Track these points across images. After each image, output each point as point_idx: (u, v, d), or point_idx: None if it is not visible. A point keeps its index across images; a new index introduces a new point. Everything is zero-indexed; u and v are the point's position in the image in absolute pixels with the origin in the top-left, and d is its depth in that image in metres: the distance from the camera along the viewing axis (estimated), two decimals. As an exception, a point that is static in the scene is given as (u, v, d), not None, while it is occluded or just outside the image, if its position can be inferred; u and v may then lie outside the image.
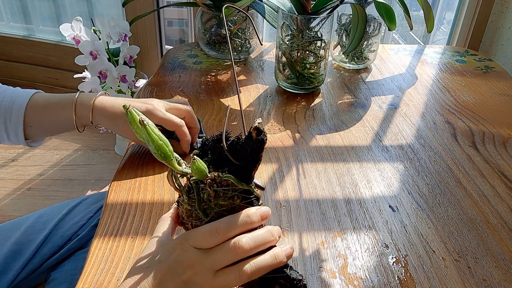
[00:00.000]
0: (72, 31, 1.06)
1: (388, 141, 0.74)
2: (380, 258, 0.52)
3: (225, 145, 0.38)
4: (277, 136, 0.74)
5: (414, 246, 0.54)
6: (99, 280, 0.48)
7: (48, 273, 0.71)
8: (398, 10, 1.14)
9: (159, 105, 0.63)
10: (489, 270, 0.51)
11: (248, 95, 0.87)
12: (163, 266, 0.38)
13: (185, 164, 0.40)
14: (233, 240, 0.38)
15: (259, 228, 0.40)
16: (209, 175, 0.38)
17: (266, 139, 0.37)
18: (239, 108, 0.82)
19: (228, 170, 0.39)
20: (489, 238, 0.55)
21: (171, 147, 0.38)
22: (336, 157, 0.69)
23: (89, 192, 1.53)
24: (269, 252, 0.39)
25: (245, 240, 0.38)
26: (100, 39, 1.11)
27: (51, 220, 0.73)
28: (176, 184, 0.40)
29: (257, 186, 0.58)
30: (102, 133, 1.65)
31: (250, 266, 0.38)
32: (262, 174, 0.65)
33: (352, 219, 0.58)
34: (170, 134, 0.64)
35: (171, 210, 0.45)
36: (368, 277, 0.50)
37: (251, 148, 0.37)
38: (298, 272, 0.41)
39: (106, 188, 0.78)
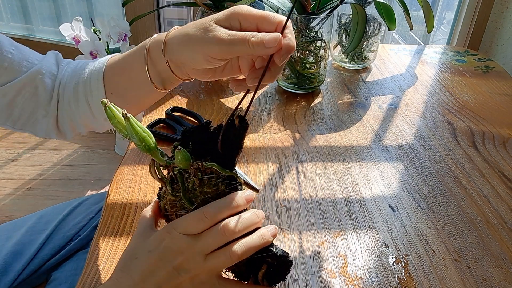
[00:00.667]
0: (72, 31, 1.06)
1: (388, 141, 0.74)
2: (380, 258, 0.52)
3: (220, 147, 0.40)
4: (277, 136, 0.74)
5: (414, 246, 0.54)
6: (99, 280, 0.48)
7: (49, 273, 0.71)
8: (398, 10, 1.14)
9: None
10: (489, 270, 0.51)
11: (248, 95, 0.87)
12: (153, 255, 0.39)
13: (167, 156, 0.41)
14: (221, 223, 0.39)
15: (244, 211, 0.41)
16: (193, 164, 0.39)
17: (248, 126, 0.39)
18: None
19: (210, 159, 0.40)
20: (489, 238, 0.55)
21: (154, 139, 0.39)
22: (336, 157, 0.69)
23: (89, 192, 1.53)
24: (256, 232, 0.40)
25: (233, 222, 0.39)
26: (100, 39, 1.11)
27: (52, 221, 0.73)
28: (159, 176, 0.41)
29: (252, 187, 0.58)
30: (102, 133, 1.65)
31: (239, 246, 0.39)
32: (262, 174, 0.65)
33: (352, 219, 0.58)
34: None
35: (151, 204, 0.45)
36: (368, 277, 0.50)
37: (233, 136, 0.39)
38: (283, 250, 0.41)
39: (106, 188, 0.78)
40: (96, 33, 1.11)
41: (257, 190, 0.61)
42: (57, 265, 0.71)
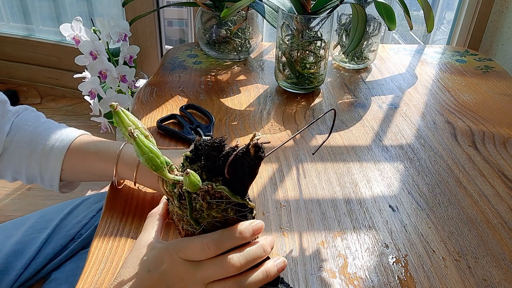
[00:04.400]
0: (72, 31, 1.06)
1: (388, 141, 0.74)
2: (380, 258, 0.52)
3: (226, 173, 0.36)
4: (277, 136, 0.74)
5: (414, 246, 0.54)
6: (99, 280, 0.48)
7: (51, 273, 0.71)
8: (398, 10, 1.14)
9: None
10: (489, 270, 0.51)
11: (248, 95, 0.87)
12: (152, 275, 0.38)
13: (177, 170, 0.39)
14: (224, 257, 0.38)
15: (253, 240, 0.40)
16: (202, 186, 0.36)
17: (264, 156, 0.36)
18: (238, 108, 0.82)
19: (222, 181, 0.37)
20: (489, 238, 0.55)
21: (162, 158, 0.36)
22: (336, 157, 0.69)
23: (89, 192, 1.52)
24: (261, 268, 0.39)
25: (236, 258, 0.38)
26: (100, 39, 1.11)
27: (53, 220, 0.73)
28: (166, 189, 0.39)
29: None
30: (102, 133, 1.65)
31: (241, 283, 0.38)
32: (262, 174, 0.65)
33: (352, 219, 0.58)
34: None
35: (160, 206, 0.44)
36: (368, 277, 0.50)
37: (247, 164, 0.36)
38: (289, 285, 0.40)
39: (106, 188, 0.78)
40: (96, 33, 1.11)
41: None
42: (59, 265, 0.71)
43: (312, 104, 0.85)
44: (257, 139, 0.35)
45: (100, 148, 0.57)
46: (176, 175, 0.38)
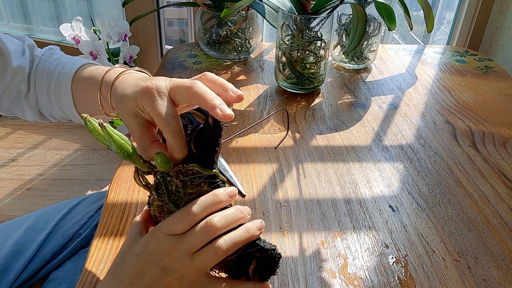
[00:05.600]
0: (72, 31, 1.06)
1: (388, 141, 0.74)
2: (380, 258, 0.52)
3: (193, 147, 0.40)
4: (277, 136, 0.74)
5: (414, 246, 0.54)
6: (99, 280, 0.48)
7: (50, 273, 0.71)
8: (398, 10, 1.14)
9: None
10: (489, 270, 0.51)
11: (248, 95, 0.87)
12: (140, 258, 0.39)
13: (150, 163, 0.42)
14: (204, 220, 0.39)
15: (229, 207, 0.41)
16: (173, 166, 0.39)
17: (223, 124, 0.39)
18: (238, 108, 0.82)
19: (192, 160, 0.40)
20: (489, 238, 0.55)
21: (133, 145, 0.39)
22: (336, 157, 0.69)
23: (89, 192, 1.53)
24: (241, 227, 0.40)
25: (217, 218, 0.39)
26: (100, 39, 1.11)
27: (51, 220, 0.73)
28: (143, 182, 0.42)
29: (239, 192, 0.59)
30: (102, 133, 1.65)
31: (225, 241, 0.39)
32: (262, 174, 0.65)
33: (352, 219, 0.58)
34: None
35: (142, 213, 0.45)
36: (368, 277, 0.50)
37: (209, 135, 0.39)
38: (271, 244, 0.41)
39: (106, 188, 0.78)
40: (96, 33, 1.11)
41: (243, 195, 0.61)
42: (58, 265, 0.71)
43: (312, 104, 0.85)
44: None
45: (93, 74, 0.54)
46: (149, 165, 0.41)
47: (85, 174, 1.61)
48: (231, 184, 0.60)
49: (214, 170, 0.41)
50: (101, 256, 0.51)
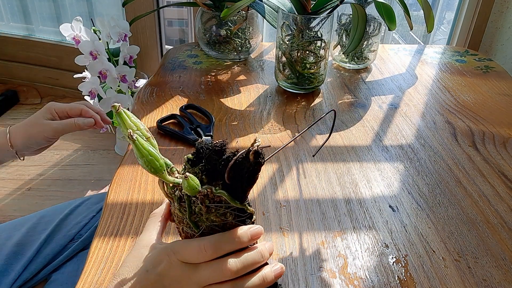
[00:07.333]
0: (72, 31, 1.06)
1: (388, 141, 0.74)
2: (380, 258, 0.52)
3: (226, 178, 0.36)
4: (277, 136, 0.74)
5: (414, 246, 0.54)
6: (99, 280, 0.48)
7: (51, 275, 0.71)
8: (398, 10, 1.14)
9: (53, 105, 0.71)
10: (489, 270, 0.51)
11: (248, 95, 0.87)
12: (149, 276, 0.38)
13: (178, 172, 0.39)
14: (221, 261, 0.37)
15: (251, 244, 0.39)
16: (201, 190, 0.36)
17: (264, 162, 0.35)
18: (238, 108, 0.82)
19: (221, 185, 0.37)
20: (489, 238, 0.55)
21: (161, 161, 0.36)
22: (336, 157, 0.69)
23: (89, 192, 1.53)
24: (258, 274, 0.39)
25: (233, 262, 0.37)
26: (100, 39, 1.11)
27: (53, 221, 0.73)
28: (167, 192, 0.39)
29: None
30: (102, 133, 1.65)
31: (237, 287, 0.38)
32: (263, 174, 0.65)
33: (352, 219, 0.58)
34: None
35: (163, 206, 0.44)
36: (368, 277, 0.50)
37: (247, 169, 0.35)
38: None
39: (106, 188, 0.78)
40: (96, 33, 1.11)
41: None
42: (59, 267, 0.71)
43: (312, 104, 0.85)
44: (257, 145, 0.35)
45: None
46: (177, 177, 0.38)
47: (85, 174, 1.61)
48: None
49: (243, 204, 0.38)
50: (101, 256, 0.51)
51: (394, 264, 0.51)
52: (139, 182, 0.63)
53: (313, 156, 0.69)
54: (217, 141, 0.38)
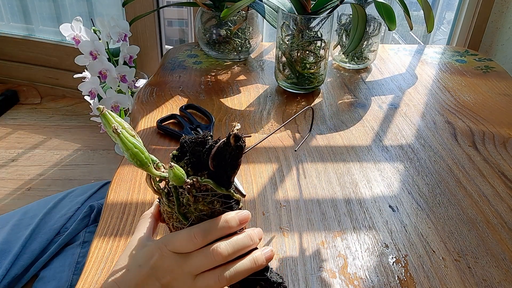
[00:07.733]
0: (72, 31, 1.06)
1: (388, 141, 0.74)
2: (380, 258, 0.52)
3: (210, 165, 0.37)
4: (277, 136, 0.74)
5: (414, 246, 0.54)
6: (99, 280, 0.48)
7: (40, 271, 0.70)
8: (398, 10, 1.14)
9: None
10: (489, 270, 0.51)
11: (248, 95, 0.87)
12: (142, 270, 0.38)
13: (164, 167, 0.39)
14: (211, 247, 0.38)
15: (240, 231, 0.40)
16: (188, 180, 0.37)
17: (245, 145, 0.37)
18: (238, 108, 0.82)
19: (207, 174, 0.38)
20: (489, 238, 0.55)
21: (146, 153, 0.37)
22: (336, 157, 0.69)
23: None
24: (249, 256, 0.39)
25: (223, 246, 0.38)
26: (100, 39, 1.11)
27: (37, 215, 0.72)
28: (155, 187, 0.40)
29: (237, 191, 0.56)
30: (102, 133, 1.65)
31: (230, 271, 0.38)
32: (262, 174, 0.65)
33: (352, 219, 0.58)
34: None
35: (152, 207, 0.44)
36: (368, 277, 0.50)
37: (229, 155, 0.37)
38: (278, 275, 0.40)
39: (106, 189, 0.78)
40: (96, 33, 1.11)
41: (243, 195, 0.60)
42: (46, 263, 0.71)
43: (312, 104, 0.85)
44: (237, 129, 0.36)
45: None
46: (163, 172, 0.39)
47: (85, 174, 1.61)
48: (236, 190, 0.58)
49: (229, 190, 0.39)
50: (101, 256, 0.51)
51: (394, 264, 0.51)
52: (139, 182, 0.63)
53: (295, 150, 0.70)
54: (200, 134, 0.39)
